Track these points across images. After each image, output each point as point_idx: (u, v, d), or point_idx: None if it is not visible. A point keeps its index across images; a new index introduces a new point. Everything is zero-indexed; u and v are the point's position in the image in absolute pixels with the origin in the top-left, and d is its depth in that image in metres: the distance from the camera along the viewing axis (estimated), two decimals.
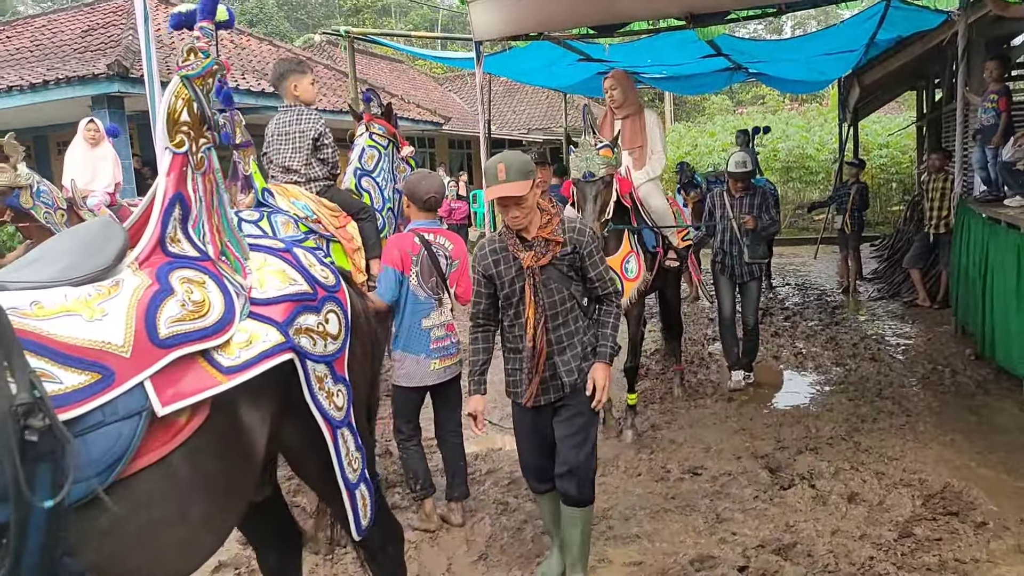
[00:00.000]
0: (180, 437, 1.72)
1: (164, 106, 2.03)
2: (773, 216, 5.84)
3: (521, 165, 2.81)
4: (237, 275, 2.11)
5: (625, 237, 4.77)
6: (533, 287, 2.92)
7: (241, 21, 32.37)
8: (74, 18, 13.64)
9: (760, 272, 5.96)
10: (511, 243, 2.95)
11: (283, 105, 4.24)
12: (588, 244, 2.97)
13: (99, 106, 10.09)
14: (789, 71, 10.00)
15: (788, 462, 4.44)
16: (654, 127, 5.37)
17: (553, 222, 2.94)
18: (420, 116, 17.15)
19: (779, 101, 30.15)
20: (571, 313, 3.00)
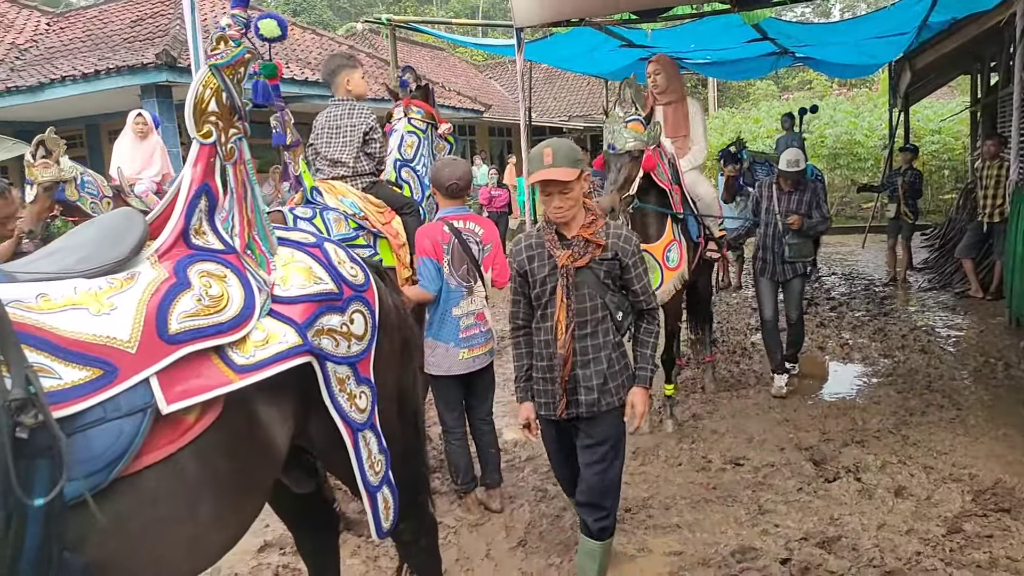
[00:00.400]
0: (189, 435, 1.69)
1: (191, 96, 1.99)
2: (824, 213, 5.48)
3: (569, 151, 2.63)
4: (261, 270, 2.05)
5: (668, 224, 4.65)
6: (565, 288, 2.69)
7: (285, 11, 32.70)
8: (124, 8, 13.91)
9: (804, 269, 5.65)
10: (548, 238, 2.73)
11: (335, 99, 4.25)
12: (633, 253, 2.74)
13: (148, 95, 10.30)
14: (837, 55, 9.74)
15: (833, 454, 4.37)
16: (696, 116, 5.27)
17: (597, 223, 2.73)
18: (460, 104, 17.16)
19: (827, 86, 29.41)
20: (601, 324, 2.74)
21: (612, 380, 2.75)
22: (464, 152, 21.48)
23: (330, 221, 3.84)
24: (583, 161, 2.64)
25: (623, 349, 2.82)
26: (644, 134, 4.23)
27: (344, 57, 4.32)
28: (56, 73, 10.64)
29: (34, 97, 10.60)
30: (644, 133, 4.23)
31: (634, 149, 4.19)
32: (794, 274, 5.54)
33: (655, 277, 4.59)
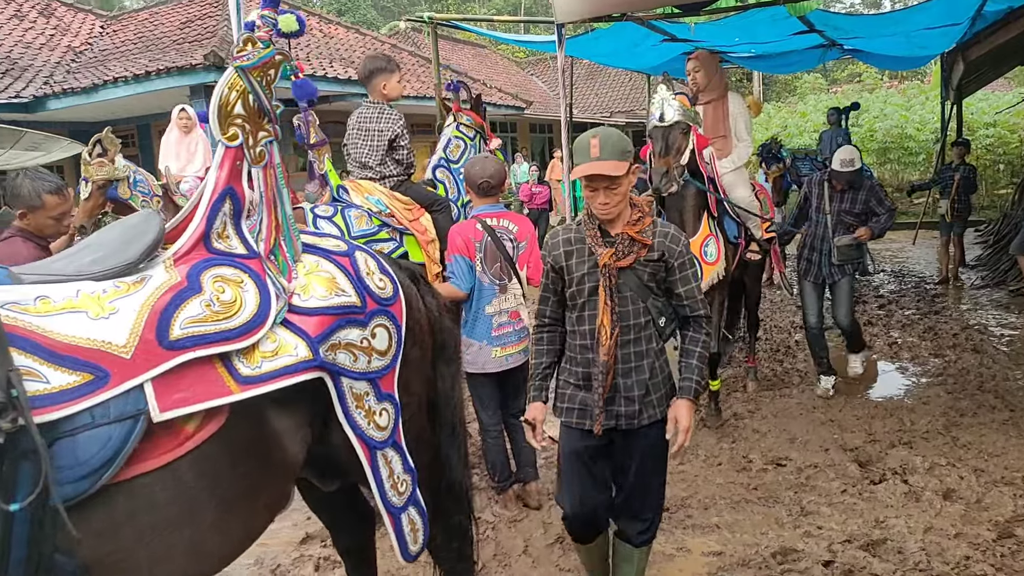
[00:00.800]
0: (189, 444, 1.65)
1: (216, 97, 1.94)
2: (889, 207, 5.15)
3: (619, 142, 2.40)
4: (282, 277, 1.99)
5: (704, 220, 4.58)
6: (608, 290, 2.48)
7: (330, 10, 33.13)
8: (174, 11, 14.25)
9: (853, 270, 5.34)
10: (590, 234, 2.51)
11: (368, 100, 4.26)
12: (681, 254, 2.51)
13: (196, 95, 10.53)
14: (887, 47, 9.49)
15: (879, 456, 4.28)
16: (739, 114, 5.11)
17: (645, 221, 2.50)
18: (502, 100, 17.19)
19: (877, 79, 28.76)
20: (644, 331, 2.54)
21: (654, 391, 2.57)
22: (506, 148, 21.52)
23: (351, 218, 3.85)
24: (632, 153, 2.45)
25: (665, 357, 2.64)
26: (691, 110, 4.22)
27: (384, 60, 4.32)
28: (109, 75, 10.95)
29: (88, 98, 10.92)
30: (691, 109, 4.22)
31: (682, 121, 4.17)
32: (842, 275, 5.29)
33: None
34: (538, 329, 2.72)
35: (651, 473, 2.63)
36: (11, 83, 11.34)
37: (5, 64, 11.84)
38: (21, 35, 13.12)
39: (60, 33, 13.80)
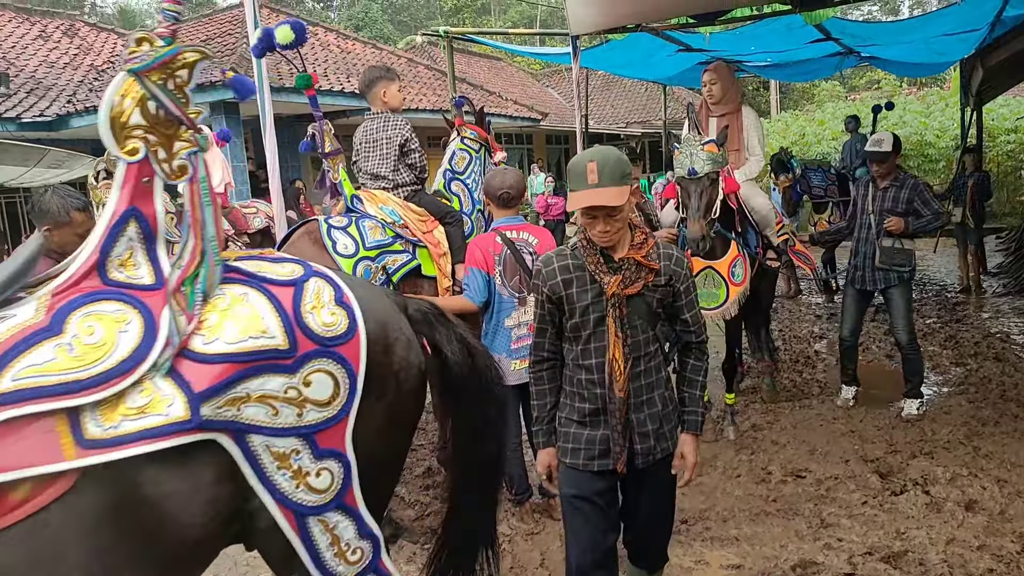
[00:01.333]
0: (17, 513, 1.42)
1: (105, 108, 1.69)
2: (936, 209, 4.92)
3: (617, 165, 2.22)
4: (182, 316, 1.67)
5: (733, 241, 4.64)
6: (619, 321, 2.30)
7: (348, 26, 33.49)
8: (194, 28, 14.49)
9: (905, 277, 4.99)
10: (592, 261, 2.33)
11: (370, 112, 4.26)
12: (686, 277, 2.40)
13: (216, 112, 10.68)
14: (905, 54, 9.43)
15: (900, 466, 4.23)
16: (752, 127, 5.12)
17: (649, 242, 2.35)
18: (517, 112, 17.26)
19: (896, 85, 28.49)
20: (654, 359, 2.40)
21: (667, 423, 2.44)
22: (521, 160, 21.58)
23: (365, 229, 3.83)
24: (631, 174, 2.29)
25: (673, 385, 2.53)
26: (719, 155, 4.21)
27: (382, 69, 4.31)
28: None
29: None
30: (718, 154, 4.21)
31: (712, 171, 4.17)
32: (888, 283, 5.01)
33: (720, 293, 4.62)
34: (536, 366, 2.51)
35: (665, 510, 2.53)
36: (36, 102, 11.56)
37: (30, 84, 12.08)
38: (46, 55, 13.39)
39: (83, 52, 14.06)
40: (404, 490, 4.39)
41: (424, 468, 4.73)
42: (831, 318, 8.07)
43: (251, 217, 7.66)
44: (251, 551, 1.90)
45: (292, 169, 10.97)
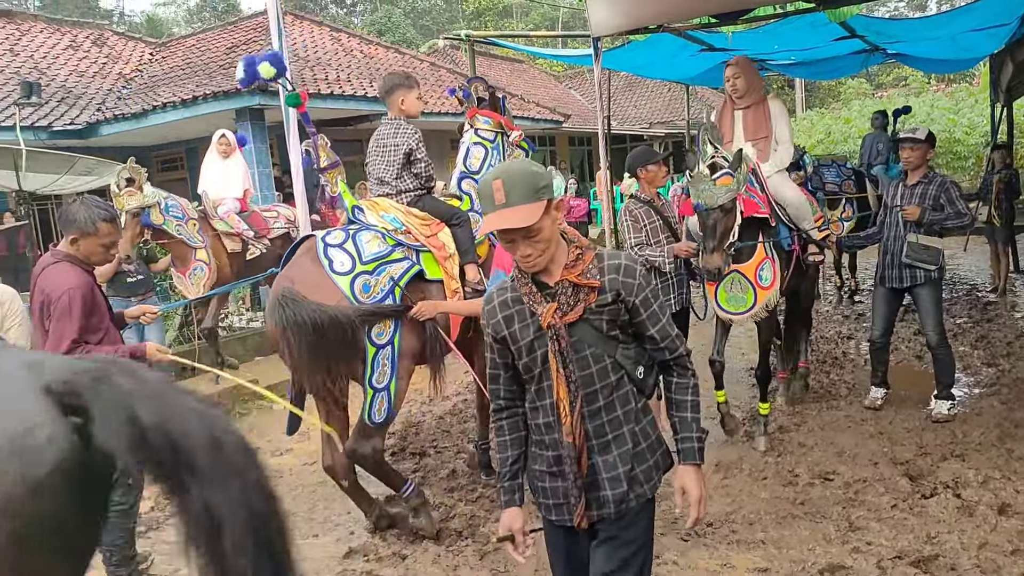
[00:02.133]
0: None
1: None
2: (960, 209, 4.81)
3: (527, 179, 1.96)
4: None
5: (760, 244, 4.54)
6: (559, 355, 2.03)
7: (371, 30, 33.72)
8: (220, 36, 14.68)
9: (932, 276, 4.90)
10: (526, 291, 2.06)
11: (386, 118, 4.25)
12: (640, 287, 2.06)
13: (242, 118, 10.80)
14: (932, 50, 9.29)
15: (930, 469, 4.16)
16: (779, 116, 5.03)
17: (585, 258, 2.05)
18: (540, 115, 17.25)
19: (923, 82, 28.09)
20: (617, 391, 2.09)
21: (640, 463, 2.11)
22: (544, 162, 21.59)
23: (362, 243, 3.77)
24: (550, 187, 2.00)
25: (651, 416, 2.21)
26: (733, 183, 4.12)
27: (402, 77, 4.28)
28: (158, 100, 11.30)
29: (138, 123, 11.29)
30: (732, 183, 4.11)
31: (726, 203, 4.10)
32: (913, 281, 4.94)
33: (747, 297, 4.53)
34: (495, 415, 2.25)
35: (638, 562, 2.13)
36: (66, 111, 11.78)
37: (60, 93, 12.30)
38: (76, 64, 13.64)
39: (112, 61, 14.30)
40: (429, 492, 4.41)
41: (449, 471, 4.75)
42: (859, 318, 7.97)
43: (271, 221, 7.76)
44: None
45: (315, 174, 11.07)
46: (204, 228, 6.98)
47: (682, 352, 2.16)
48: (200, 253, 6.84)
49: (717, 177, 4.11)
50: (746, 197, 4.29)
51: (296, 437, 5.74)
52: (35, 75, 12.18)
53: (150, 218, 6.34)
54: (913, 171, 4.98)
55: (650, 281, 2.11)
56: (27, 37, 13.95)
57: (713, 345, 4.84)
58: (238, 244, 7.28)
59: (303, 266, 3.69)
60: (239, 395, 6.65)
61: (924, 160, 4.96)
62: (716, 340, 4.84)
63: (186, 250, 6.78)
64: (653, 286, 2.11)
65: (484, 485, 4.45)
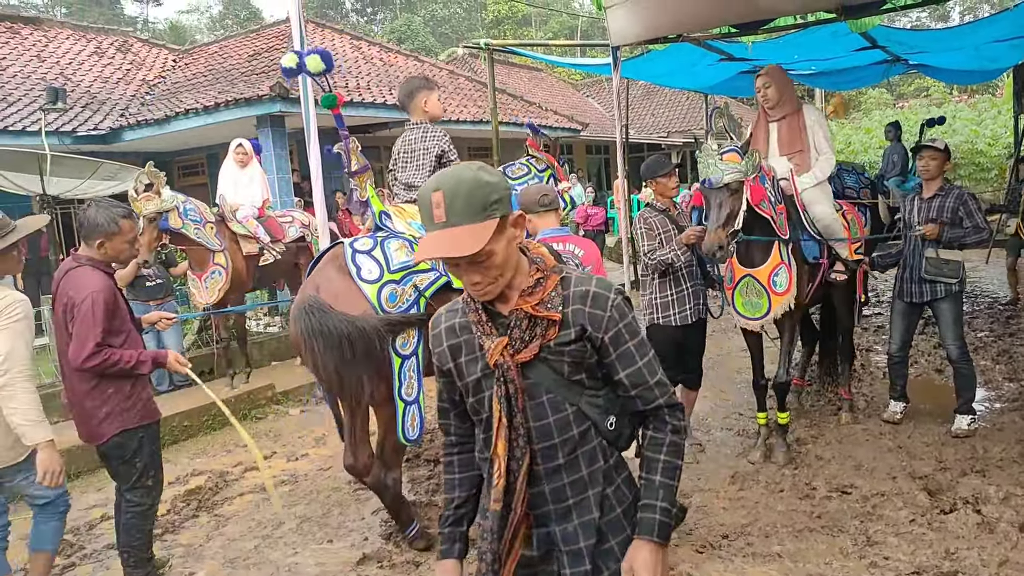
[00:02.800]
0: None
1: None
2: (979, 223, 4.72)
3: (475, 191, 1.55)
4: None
5: (775, 247, 4.44)
6: (505, 401, 1.67)
7: (390, 38, 33.95)
8: (241, 44, 14.83)
9: (953, 289, 4.83)
10: (475, 319, 1.72)
11: (411, 123, 4.25)
12: (613, 320, 1.68)
13: (263, 125, 10.89)
14: (955, 61, 9.23)
15: (950, 484, 4.11)
16: (816, 125, 4.87)
17: (547, 283, 1.68)
18: (558, 123, 17.27)
19: (945, 93, 27.90)
20: (582, 447, 1.72)
21: (615, 534, 1.75)
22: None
23: (390, 251, 3.75)
24: (506, 200, 1.61)
25: (627, 474, 1.81)
26: (742, 164, 4.03)
27: (421, 79, 4.31)
28: (181, 106, 11.42)
29: (160, 129, 11.41)
30: (742, 163, 4.03)
31: (732, 182, 4.02)
32: (934, 296, 4.87)
33: (762, 303, 4.47)
34: (447, 449, 1.92)
35: None
36: (90, 116, 11.94)
37: (85, 98, 12.48)
38: (100, 71, 13.82)
39: (135, 67, 14.49)
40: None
41: None
42: (878, 331, 7.90)
43: (287, 226, 7.83)
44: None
45: (334, 180, 11.10)
46: (221, 231, 7.05)
47: (661, 403, 1.74)
48: (218, 257, 6.89)
49: (723, 152, 4.03)
50: (754, 185, 4.18)
51: (311, 442, 5.78)
52: (60, 81, 12.37)
53: (168, 222, 6.40)
54: (929, 183, 4.91)
55: (625, 313, 1.71)
56: (54, 43, 14.17)
57: (753, 367, 4.80)
58: (254, 247, 7.34)
59: (329, 274, 3.68)
60: (255, 400, 6.70)
61: (941, 171, 4.89)
62: (753, 361, 4.80)
63: (204, 254, 6.84)
64: (629, 320, 1.71)
65: None
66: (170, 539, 4.26)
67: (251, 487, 4.95)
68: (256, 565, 3.88)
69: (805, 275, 4.63)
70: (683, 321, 4.52)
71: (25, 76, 12.48)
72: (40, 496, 3.34)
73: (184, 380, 6.84)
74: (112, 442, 3.35)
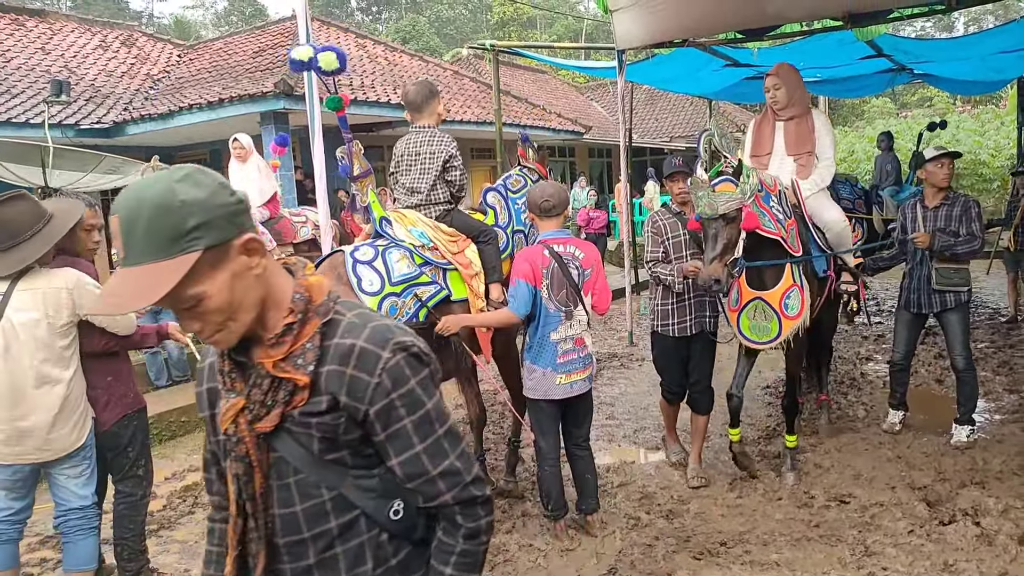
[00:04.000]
0: None
1: None
2: (974, 231, 4.63)
3: (158, 218, 1.15)
4: None
5: (787, 268, 4.15)
6: (235, 480, 1.33)
7: (395, 38, 33.99)
8: (247, 40, 14.82)
9: (962, 299, 4.78)
10: (220, 365, 1.36)
11: (415, 126, 4.14)
12: (383, 391, 1.27)
13: (266, 122, 10.89)
14: (960, 71, 9.24)
15: (949, 495, 4.09)
16: (823, 131, 4.70)
17: (303, 330, 1.29)
18: (561, 125, 17.27)
19: (948, 103, 27.92)
20: (344, 542, 1.33)
21: None
22: (563, 173, 21.58)
23: (391, 262, 3.70)
24: (218, 223, 1.19)
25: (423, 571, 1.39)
26: (736, 191, 3.83)
27: (433, 86, 4.23)
28: (185, 101, 11.42)
29: (164, 124, 11.41)
30: (736, 190, 3.83)
31: (729, 211, 3.80)
32: (943, 306, 4.79)
33: (771, 327, 4.20)
34: (211, 515, 1.54)
35: None
36: (94, 109, 11.93)
37: (89, 92, 12.47)
38: (105, 64, 13.82)
39: (140, 62, 14.48)
40: None
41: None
42: (878, 340, 7.88)
43: (299, 227, 7.76)
44: None
45: (337, 179, 11.13)
46: None
47: (448, 499, 1.33)
48: None
49: (717, 183, 3.88)
50: (751, 210, 3.91)
51: None
52: (65, 74, 12.36)
53: None
54: (936, 192, 4.83)
55: (403, 378, 1.29)
56: (58, 36, 14.16)
57: (734, 378, 4.48)
58: None
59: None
60: None
61: (950, 178, 4.81)
62: (737, 372, 4.49)
63: None
64: (409, 388, 1.29)
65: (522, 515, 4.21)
66: (166, 535, 4.24)
67: None
68: None
69: (815, 291, 4.38)
70: (681, 333, 4.38)
71: (29, 68, 12.47)
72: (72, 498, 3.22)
73: (182, 376, 6.84)
74: (112, 430, 3.36)
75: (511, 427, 4.66)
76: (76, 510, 3.24)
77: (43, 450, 3.11)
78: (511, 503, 4.30)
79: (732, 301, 4.33)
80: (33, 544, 4.21)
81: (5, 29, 13.54)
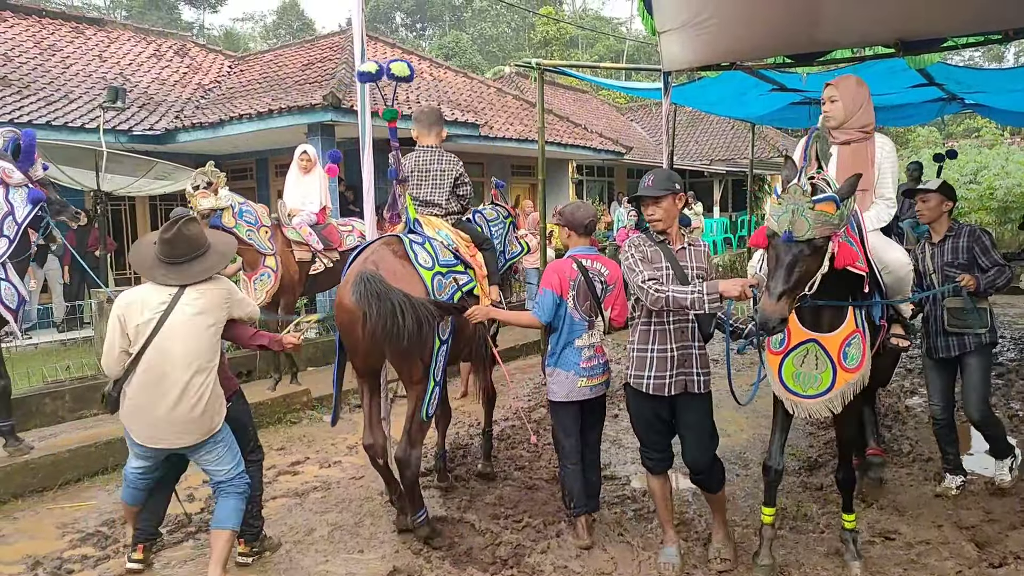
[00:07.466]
0: None
1: None
2: (996, 259, 4.30)
3: None
4: None
5: (851, 311, 3.40)
6: None
7: (438, 54, 34.38)
8: (296, 53, 15.10)
9: (984, 341, 4.40)
10: None
11: (423, 146, 4.65)
12: None
13: (313, 133, 11.06)
14: (1013, 102, 9.06)
15: (998, 537, 3.97)
16: (885, 163, 3.98)
17: None
18: (601, 145, 17.26)
19: (997, 134, 27.35)
20: None
21: None
22: (601, 193, 21.57)
23: (437, 248, 4.19)
24: None
25: None
26: (834, 216, 2.96)
27: (440, 112, 4.95)
28: (235, 111, 11.65)
29: (213, 133, 11.64)
30: (834, 215, 2.95)
31: (817, 237, 2.97)
32: (962, 349, 4.41)
33: (824, 377, 3.40)
34: None
35: None
36: (146, 116, 12.24)
37: (143, 99, 12.80)
38: (158, 73, 14.19)
39: (192, 72, 14.84)
40: (474, 517, 4.38)
41: (495, 496, 4.72)
42: (923, 373, 7.70)
43: (345, 235, 7.98)
44: None
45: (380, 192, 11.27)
46: (275, 236, 7.21)
47: None
48: (269, 260, 7.10)
49: (819, 200, 2.94)
50: (843, 241, 3.14)
51: (344, 450, 5.80)
52: (120, 81, 12.71)
53: (220, 220, 6.56)
54: (935, 226, 4.54)
55: None
56: (115, 44, 14.59)
57: (769, 444, 3.75)
58: (307, 254, 7.52)
59: (386, 257, 4.01)
60: (291, 404, 6.75)
61: (940, 213, 4.49)
62: (774, 438, 3.72)
63: (256, 255, 7.06)
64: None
65: (531, 514, 4.41)
66: (203, 538, 4.28)
67: (284, 491, 4.97)
68: (287, 571, 3.88)
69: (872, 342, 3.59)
70: (657, 391, 3.51)
71: (87, 75, 12.86)
72: (216, 473, 3.61)
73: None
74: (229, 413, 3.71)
75: (484, 419, 5.18)
76: (223, 482, 3.62)
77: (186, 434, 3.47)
78: (546, 523, 4.28)
79: (775, 342, 3.49)
80: (75, 541, 4.29)
81: (66, 36, 13.98)
